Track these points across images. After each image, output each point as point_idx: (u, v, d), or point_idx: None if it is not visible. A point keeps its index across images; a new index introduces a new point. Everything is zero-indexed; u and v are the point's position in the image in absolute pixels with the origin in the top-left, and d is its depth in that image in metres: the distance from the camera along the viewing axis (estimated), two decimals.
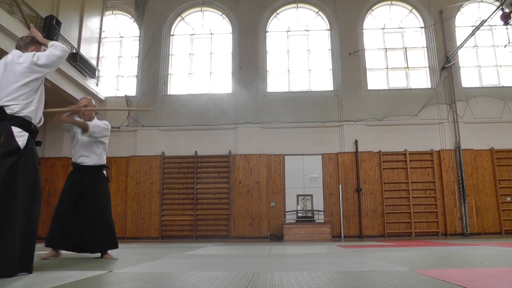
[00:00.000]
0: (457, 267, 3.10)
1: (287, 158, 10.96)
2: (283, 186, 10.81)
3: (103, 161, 4.43)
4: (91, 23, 11.42)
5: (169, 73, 11.98)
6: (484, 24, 10.17)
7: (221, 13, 12.38)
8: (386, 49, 11.95)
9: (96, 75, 11.23)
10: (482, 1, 11.91)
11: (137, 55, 12.07)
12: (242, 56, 11.68)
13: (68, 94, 9.77)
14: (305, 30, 12.21)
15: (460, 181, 10.56)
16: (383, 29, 12.11)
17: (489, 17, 9.83)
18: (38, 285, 2.21)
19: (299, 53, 12.06)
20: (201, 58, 12.20)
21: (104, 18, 12.25)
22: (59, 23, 8.86)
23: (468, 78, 11.55)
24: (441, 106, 11.11)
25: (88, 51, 11.03)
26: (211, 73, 12.02)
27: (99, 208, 4.26)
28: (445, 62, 11.37)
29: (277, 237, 10.34)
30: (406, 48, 11.95)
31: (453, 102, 11.05)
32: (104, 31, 12.22)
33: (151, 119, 11.33)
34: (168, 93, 11.74)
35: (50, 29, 8.54)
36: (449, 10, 11.71)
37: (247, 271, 2.85)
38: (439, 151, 10.86)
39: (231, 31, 12.14)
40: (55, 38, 8.72)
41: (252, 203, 10.69)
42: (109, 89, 11.99)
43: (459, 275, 2.52)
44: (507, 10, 9.08)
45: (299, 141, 10.99)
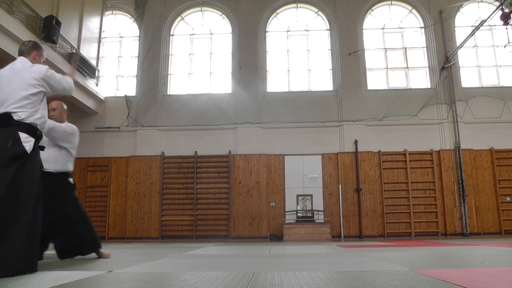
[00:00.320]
0: (456, 267, 3.10)
1: (287, 158, 10.96)
2: (283, 186, 10.82)
3: (67, 168, 4.06)
4: (91, 23, 11.42)
5: (169, 73, 11.98)
6: (484, 24, 10.17)
7: (221, 13, 12.38)
8: (386, 49, 11.95)
9: (96, 75, 11.24)
10: (482, 1, 11.91)
11: (137, 55, 12.07)
12: (242, 56, 11.68)
13: None
14: (305, 30, 12.21)
15: (460, 181, 10.57)
16: (383, 29, 12.11)
17: (489, 17, 9.83)
18: (38, 285, 2.21)
19: (299, 53, 12.06)
20: (201, 58, 12.20)
21: (104, 18, 12.25)
22: (59, 23, 8.86)
23: (468, 78, 11.55)
24: (441, 106, 11.12)
25: (88, 51, 11.04)
26: (211, 73, 12.02)
27: (72, 214, 3.99)
28: (445, 62, 11.38)
29: (277, 237, 10.34)
30: (406, 48, 11.96)
31: (453, 102, 11.06)
32: (104, 31, 12.22)
33: (151, 119, 11.34)
34: (168, 93, 11.74)
35: (50, 29, 8.54)
36: (449, 10, 11.72)
37: (247, 271, 2.85)
38: (438, 151, 10.87)
39: (231, 31, 12.14)
40: (55, 38, 8.73)
41: (252, 203, 10.69)
42: (109, 89, 12.00)
43: (458, 275, 2.52)
44: (506, 10, 9.08)
45: (299, 141, 10.99)
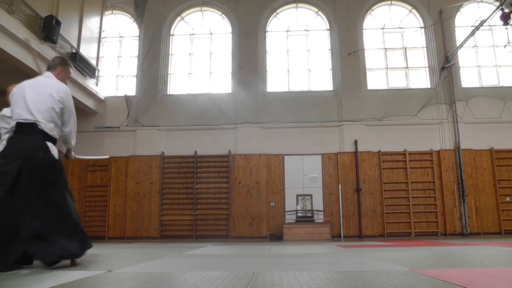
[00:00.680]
0: (456, 267, 3.10)
1: (286, 158, 10.96)
2: (282, 186, 10.81)
3: None
4: (91, 23, 11.41)
5: (169, 73, 11.98)
6: (483, 24, 10.17)
7: (221, 13, 12.37)
8: (385, 49, 11.95)
9: (96, 75, 11.23)
10: (481, 1, 11.91)
11: (137, 55, 12.07)
12: (242, 56, 11.67)
13: None
14: (305, 30, 12.20)
15: (460, 181, 10.57)
16: (382, 29, 12.11)
17: (488, 17, 9.82)
18: (38, 285, 2.21)
19: (299, 53, 12.06)
20: (201, 58, 12.19)
21: (104, 18, 12.25)
22: (58, 23, 8.85)
23: (468, 78, 11.55)
24: (440, 106, 11.12)
25: (87, 51, 11.03)
26: (210, 73, 12.01)
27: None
28: (444, 62, 11.38)
29: (276, 237, 10.34)
30: (405, 48, 11.95)
31: (453, 102, 11.06)
32: (103, 31, 12.22)
33: (151, 119, 11.34)
34: (168, 93, 11.74)
35: (49, 29, 8.53)
36: (448, 10, 11.71)
37: (247, 271, 2.85)
38: (438, 151, 10.86)
39: (230, 31, 12.14)
40: (54, 38, 8.72)
41: (251, 203, 10.69)
42: (109, 89, 12.00)
43: (458, 275, 2.52)
44: (506, 10, 9.08)
45: (298, 141, 10.99)
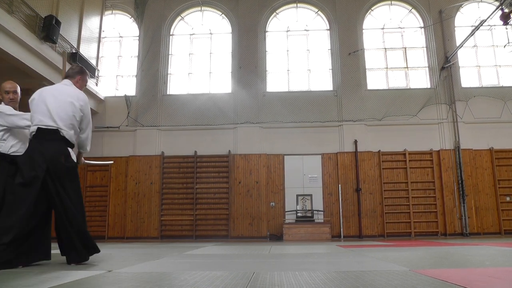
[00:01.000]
0: (456, 267, 3.10)
1: (286, 158, 10.96)
2: (282, 186, 10.81)
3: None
4: (91, 23, 11.41)
5: (169, 73, 11.98)
6: (483, 24, 10.17)
7: (221, 13, 12.37)
8: (385, 49, 11.95)
9: (96, 74, 11.23)
10: (481, 1, 11.91)
11: (137, 54, 12.06)
12: (242, 56, 11.67)
13: None
14: (305, 30, 12.20)
15: (460, 181, 10.57)
16: (382, 29, 12.11)
17: (488, 17, 9.83)
18: (38, 285, 2.21)
19: (299, 53, 12.05)
20: (201, 58, 12.19)
21: (104, 17, 12.24)
22: (58, 22, 8.85)
23: (468, 78, 11.55)
24: (440, 106, 11.12)
25: (87, 51, 11.03)
26: (210, 73, 12.01)
27: None
28: (444, 62, 11.38)
29: (276, 237, 10.34)
30: (405, 48, 11.96)
31: (453, 102, 11.06)
32: (103, 30, 12.21)
33: (151, 119, 11.34)
34: (168, 93, 11.74)
35: (49, 28, 8.52)
36: (448, 10, 11.72)
37: (247, 270, 2.84)
38: (438, 151, 10.87)
39: (230, 31, 12.14)
40: (54, 37, 8.72)
41: (251, 203, 10.69)
42: (109, 89, 12.00)
43: (458, 275, 2.52)
44: (506, 10, 9.08)
45: (298, 141, 10.99)
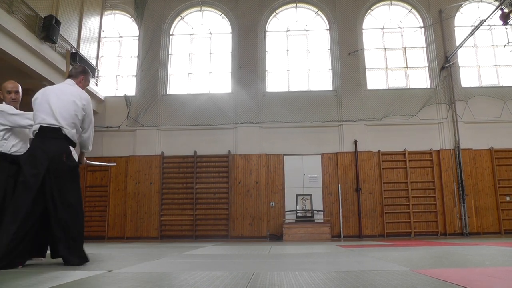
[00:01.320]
0: (456, 266, 3.10)
1: (286, 158, 10.96)
2: (282, 186, 10.81)
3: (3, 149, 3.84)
4: (91, 23, 11.41)
5: (169, 72, 11.97)
6: (483, 24, 10.17)
7: (221, 13, 12.37)
8: (385, 49, 11.95)
9: (96, 74, 11.23)
10: (481, 1, 11.91)
11: (137, 54, 12.06)
12: (242, 56, 11.67)
13: None
14: (305, 30, 12.20)
15: (460, 181, 10.57)
16: (382, 29, 12.11)
17: (488, 17, 9.83)
18: (37, 285, 2.20)
19: (299, 53, 12.05)
20: (201, 58, 12.19)
21: (104, 17, 12.24)
22: (58, 22, 8.84)
23: (468, 78, 11.55)
24: (440, 106, 11.12)
25: (87, 51, 11.02)
26: (210, 73, 12.01)
27: None
28: (444, 62, 11.38)
29: (276, 237, 10.33)
30: (405, 48, 11.96)
31: (453, 102, 11.06)
32: (103, 30, 12.21)
33: (151, 119, 11.34)
34: (168, 93, 11.73)
35: (49, 28, 8.52)
36: (448, 10, 11.72)
37: (247, 270, 2.84)
38: (438, 151, 10.86)
39: (230, 31, 12.13)
40: (54, 37, 8.71)
41: (251, 203, 10.69)
42: (109, 88, 12.00)
43: (458, 275, 2.52)
44: (506, 10, 9.09)
45: (298, 141, 10.99)
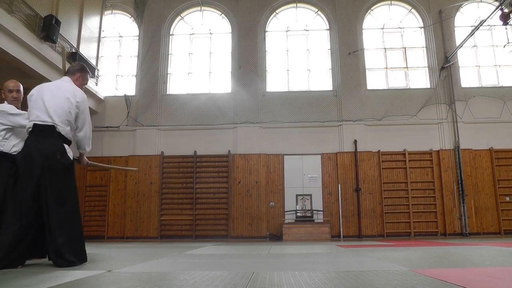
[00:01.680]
0: (456, 266, 3.09)
1: (286, 158, 10.95)
2: (282, 186, 10.81)
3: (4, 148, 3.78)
4: (91, 23, 11.41)
5: (169, 72, 11.97)
6: (483, 24, 10.17)
7: (221, 13, 12.37)
8: (385, 49, 11.95)
9: (96, 74, 11.23)
10: (481, 1, 11.91)
11: (137, 54, 12.06)
12: (242, 56, 11.67)
13: None
14: (305, 29, 12.20)
15: (459, 181, 10.57)
16: (382, 29, 12.11)
17: (488, 17, 9.83)
18: (37, 285, 2.20)
19: (299, 53, 12.05)
20: (201, 57, 12.19)
21: (104, 17, 12.24)
22: (58, 22, 8.84)
23: (468, 78, 11.56)
24: (440, 106, 11.12)
25: (87, 51, 11.02)
26: (210, 72, 12.01)
27: None
28: (444, 62, 11.38)
29: (276, 236, 10.33)
30: (405, 48, 11.96)
31: (452, 102, 11.06)
32: (103, 30, 12.21)
33: (151, 118, 11.34)
34: (168, 93, 11.73)
35: (49, 28, 8.52)
36: (448, 10, 11.72)
37: (246, 270, 2.84)
38: (438, 151, 10.87)
39: (230, 30, 12.13)
40: (54, 37, 8.71)
41: (251, 203, 10.69)
42: (109, 88, 12.00)
43: (458, 275, 2.52)
44: (506, 10, 9.09)
45: (298, 140, 10.99)
